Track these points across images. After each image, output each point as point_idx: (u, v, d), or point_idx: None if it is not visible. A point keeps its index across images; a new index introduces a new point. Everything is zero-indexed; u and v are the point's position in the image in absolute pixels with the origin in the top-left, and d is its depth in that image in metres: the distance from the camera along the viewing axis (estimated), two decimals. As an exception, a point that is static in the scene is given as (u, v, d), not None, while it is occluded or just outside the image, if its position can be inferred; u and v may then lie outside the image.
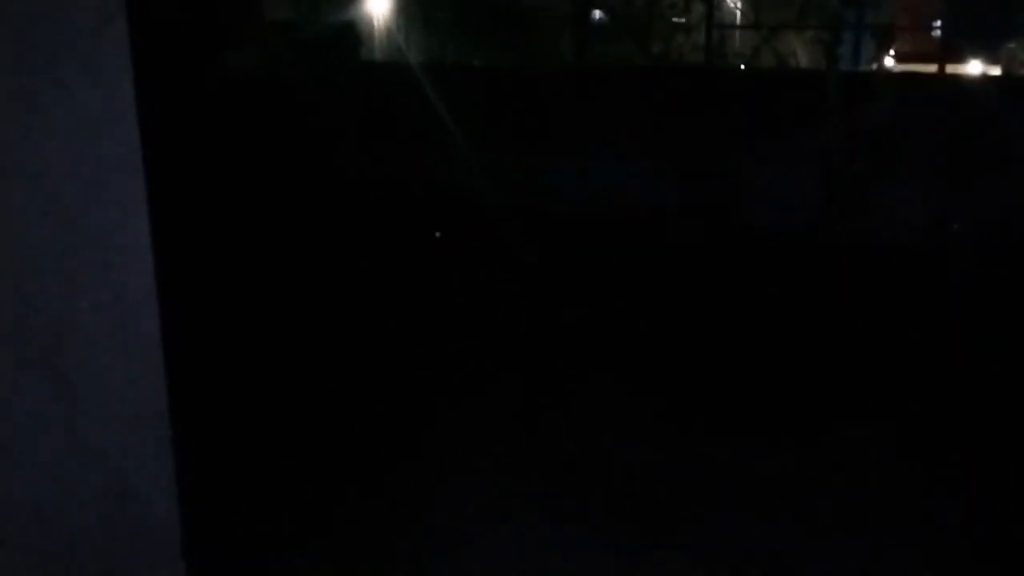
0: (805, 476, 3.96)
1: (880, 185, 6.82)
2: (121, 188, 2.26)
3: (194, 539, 2.48)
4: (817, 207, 6.92)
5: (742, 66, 12.21)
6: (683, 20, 12.84)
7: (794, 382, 4.94)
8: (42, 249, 2.11)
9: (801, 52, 13.53)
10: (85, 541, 2.28)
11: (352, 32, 12.31)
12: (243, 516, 3.50)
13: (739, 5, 14.76)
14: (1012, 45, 13.25)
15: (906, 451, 4.28)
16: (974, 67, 14.79)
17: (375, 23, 15.33)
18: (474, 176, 7.67)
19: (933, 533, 3.55)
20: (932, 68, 13.66)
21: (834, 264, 6.43)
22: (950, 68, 13.48)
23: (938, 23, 15.78)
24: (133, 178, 2.28)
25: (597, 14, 13.10)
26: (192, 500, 2.46)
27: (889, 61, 16.83)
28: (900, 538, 3.59)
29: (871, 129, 6.95)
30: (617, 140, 7.72)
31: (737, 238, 6.83)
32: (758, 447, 4.22)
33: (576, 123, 7.92)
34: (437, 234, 7.09)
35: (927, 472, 4.04)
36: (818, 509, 3.75)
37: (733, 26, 13.81)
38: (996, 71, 13.43)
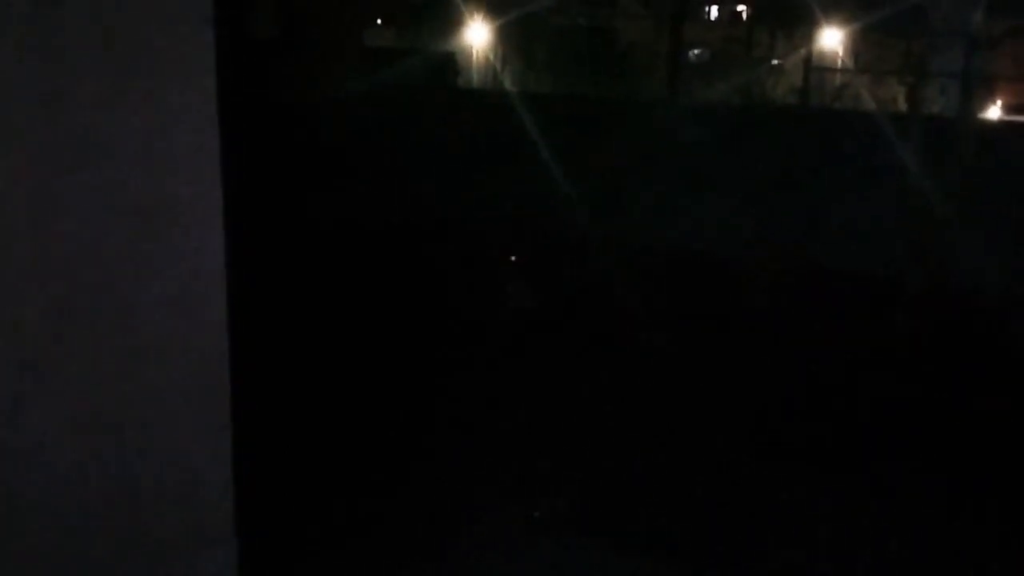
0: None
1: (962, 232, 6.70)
2: (197, 186, 2.39)
3: (248, 518, 2.58)
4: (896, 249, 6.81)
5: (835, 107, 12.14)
6: (780, 62, 12.85)
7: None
8: (118, 234, 2.22)
9: (901, 99, 13.33)
10: (142, 514, 2.36)
11: (450, 62, 12.64)
12: (295, 497, 3.63)
13: (840, 51, 14.67)
14: None
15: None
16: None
17: (476, 54, 15.69)
18: (556, 198, 7.79)
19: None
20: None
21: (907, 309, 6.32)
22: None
23: (1048, 75, 15.41)
24: (210, 177, 2.41)
25: (694, 53, 13.20)
26: (247, 480, 2.58)
27: (995, 111, 16.49)
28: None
29: (955, 175, 6.85)
30: (698, 173, 7.77)
31: (801, 280, 6.76)
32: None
33: (656, 154, 7.99)
34: (512, 258, 7.20)
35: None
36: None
37: (831, 69, 13.71)
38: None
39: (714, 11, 17.42)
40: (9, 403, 2.11)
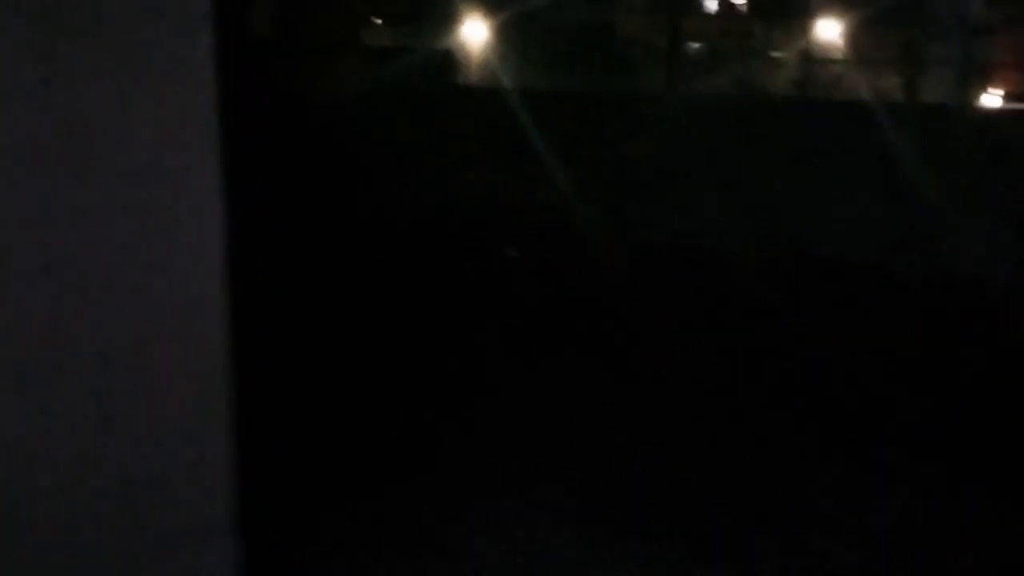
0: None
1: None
2: (198, 187, 2.42)
3: (249, 512, 2.62)
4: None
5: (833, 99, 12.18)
6: (778, 54, 12.90)
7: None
8: (121, 232, 2.26)
9: (900, 88, 13.37)
10: (141, 509, 2.39)
11: (449, 59, 12.69)
12: (298, 491, 3.67)
13: (837, 41, 14.68)
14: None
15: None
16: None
17: (474, 52, 15.72)
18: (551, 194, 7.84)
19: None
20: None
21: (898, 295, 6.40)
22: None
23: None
24: (210, 178, 2.45)
25: (692, 46, 13.26)
26: (248, 473, 2.61)
27: (994, 99, 16.47)
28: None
29: (951, 162, 6.93)
30: (697, 165, 7.83)
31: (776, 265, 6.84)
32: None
33: (657, 148, 8.04)
34: (512, 252, 7.24)
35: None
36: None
37: (829, 60, 13.75)
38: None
39: (712, 4, 17.44)
40: (12, 398, 2.15)
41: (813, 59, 13.32)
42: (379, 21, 16.82)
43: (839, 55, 14.26)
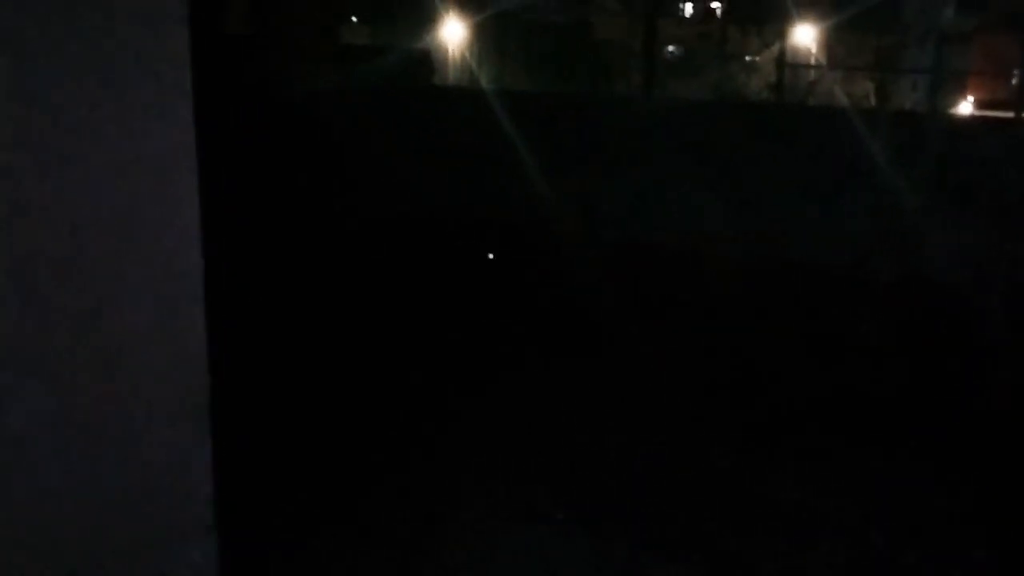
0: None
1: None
2: (173, 185, 2.40)
3: (226, 512, 2.61)
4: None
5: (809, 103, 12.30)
6: (753, 59, 13.00)
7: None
8: (96, 234, 2.23)
9: (874, 94, 13.51)
10: (118, 510, 2.38)
11: (426, 59, 12.68)
12: (276, 490, 3.66)
13: (813, 47, 14.82)
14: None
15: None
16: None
17: (452, 52, 15.73)
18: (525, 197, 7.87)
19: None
20: (1009, 115, 13.57)
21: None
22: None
23: (1017, 71, 15.60)
24: (186, 175, 2.43)
25: (668, 49, 13.34)
26: (225, 473, 2.60)
27: (967, 107, 16.69)
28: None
29: (923, 169, 7.01)
30: (673, 169, 7.86)
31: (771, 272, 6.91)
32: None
33: (633, 151, 8.08)
34: (490, 255, 7.26)
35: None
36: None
37: (804, 66, 13.87)
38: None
39: (688, 8, 17.53)
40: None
41: (788, 64, 13.44)
42: (356, 19, 16.80)
43: (814, 61, 14.41)
